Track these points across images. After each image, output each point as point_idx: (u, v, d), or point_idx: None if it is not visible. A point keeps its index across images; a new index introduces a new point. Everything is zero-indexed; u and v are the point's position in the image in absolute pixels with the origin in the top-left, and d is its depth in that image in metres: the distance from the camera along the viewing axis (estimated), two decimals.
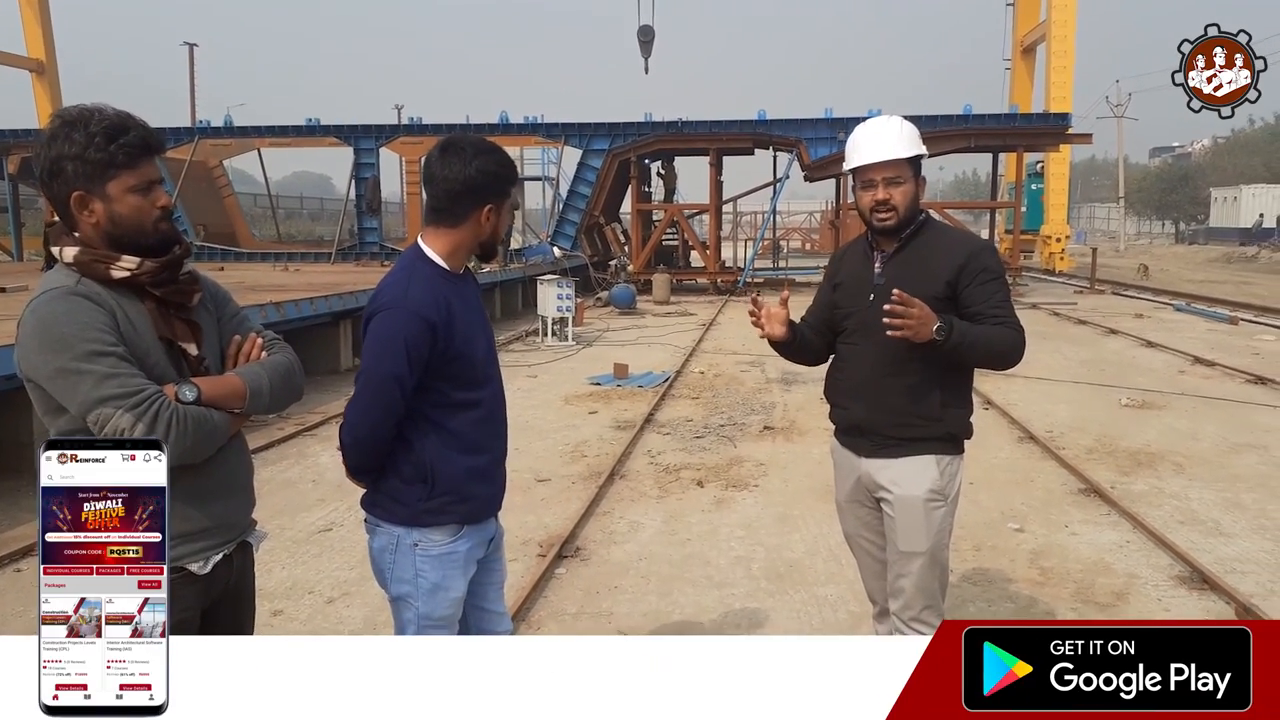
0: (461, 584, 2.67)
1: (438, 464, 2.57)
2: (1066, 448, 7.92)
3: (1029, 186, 29.25)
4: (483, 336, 2.67)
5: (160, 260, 2.12)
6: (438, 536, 2.62)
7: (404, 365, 2.46)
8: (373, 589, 5.01)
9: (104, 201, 2.06)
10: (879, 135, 3.03)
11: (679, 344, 14.73)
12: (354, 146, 25.20)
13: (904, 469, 3.04)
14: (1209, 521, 6.10)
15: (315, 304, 11.35)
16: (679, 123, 23.96)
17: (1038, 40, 30.50)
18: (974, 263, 2.98)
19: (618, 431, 8.66)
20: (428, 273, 2.57)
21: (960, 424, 3.09)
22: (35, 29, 30.95)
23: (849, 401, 3.15)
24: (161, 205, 2.13)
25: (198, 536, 2.17)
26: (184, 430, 2.04)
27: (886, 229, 3.03)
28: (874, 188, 3.00)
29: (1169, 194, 65.63)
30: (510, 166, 2.65)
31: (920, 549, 3.03)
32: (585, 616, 4.67)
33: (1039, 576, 5.18)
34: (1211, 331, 16.07)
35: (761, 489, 6.81)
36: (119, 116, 2.08)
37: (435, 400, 2.56)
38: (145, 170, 2.09)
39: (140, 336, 2.08)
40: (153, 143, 2.11)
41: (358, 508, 2.81)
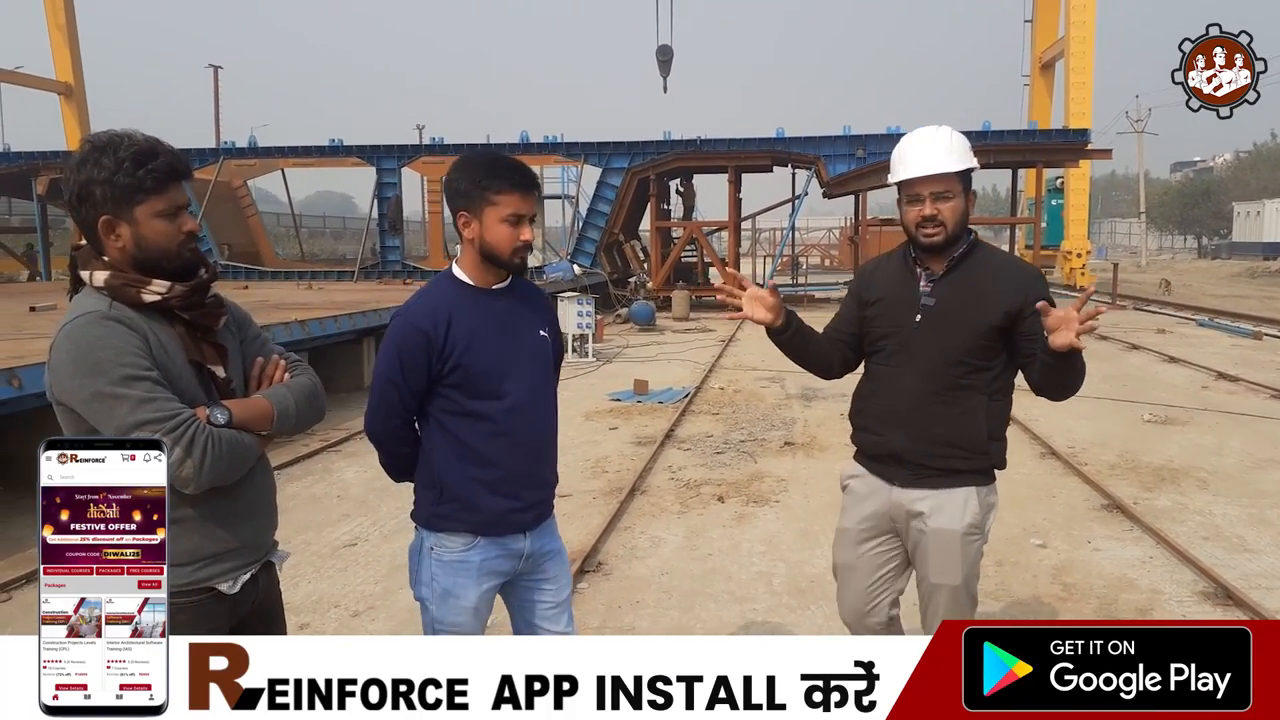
0: (473, 594, 2.68)
1: (445, 472, 2.66)
2: (1089, 463, 7.89)
3: (1049, 202, 29.13)
4: (501, 350, 2.65)
5: (189, 284, 2.15)
6: (451, 543, 2.68)
7: (397, 369, 2.60)
8: (398, 602, 5.09)
9: (131, 226, 2.08)
10: (927, 147, 2.85)
11: (699, 360, 14.74)
12: (376, 166, 25.40)
13: (943, 500, 2.90)
14: (1233, 537, 6.06)
15: (339, 321, 11.45)
16: (698, 141, 24.03)
17: (1056, 56, 30.43)
18: (1034, 292, 2.78)
19: (638, 447, 8.69)
20: (444, 287, 2.67)
21: (1001, 455, 2.98)
22: (64, 52, 31.46)
23: (886, 429, 2.96)
24: (188, 230, 2.15)
25: (226, 557, 2.18)
26: (219, 453, 2.06)
27: (933, 246, 2.86)
28: (921, 202, 2.84)
29: (1191, 209, 65.16)
30: (475, 174, 2.61)
31: (954, 582, 2.92)
32: (607, 631, 4.70)
33: (1061, 592, 5.17)
34: (1235, 347, 15.95)
35: (782, 504, 6.82)
36: (148, 142, 2.10)
37: (447, 407, 2.64)
38: (172, 195, 2.11)
39: (171, 360, 2.10)
40: (180, 168, 2.14)
41: (382, 522, 2.89)
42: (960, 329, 2.86)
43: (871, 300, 3.03)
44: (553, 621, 2.85)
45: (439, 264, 25.42)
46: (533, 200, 2.65)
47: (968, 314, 2.83)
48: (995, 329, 2.81)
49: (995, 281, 2.87)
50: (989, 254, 2.97)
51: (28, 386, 6.32)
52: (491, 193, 2.58)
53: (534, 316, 2.77)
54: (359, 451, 8.73)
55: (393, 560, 5.66)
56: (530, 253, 2.70)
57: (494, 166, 2.61)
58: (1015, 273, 2.92)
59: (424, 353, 2.57)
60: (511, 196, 2.58)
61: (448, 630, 2.70)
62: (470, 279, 2.67)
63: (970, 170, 2.88)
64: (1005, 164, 24.46)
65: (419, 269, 25.13)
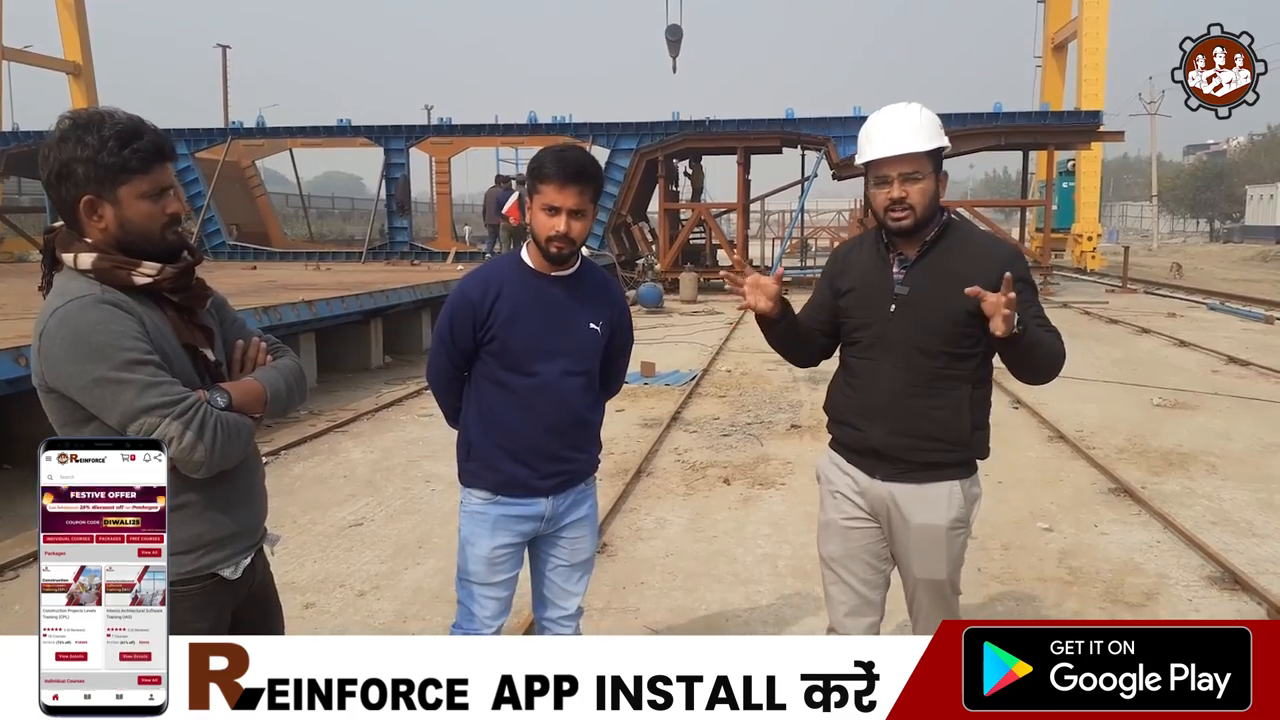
0: (486, 544, 2.90)
1: (474, 433, 2.93)
2: (1097, 447, 7.87)
3: (1060, 185, 28.92)
4: (542, 333, 2.82)
5: (179, 266, 2.11)
6: (476, 496, 2.94)
7: (447, 329, 2.88)
8: (403, 582, 5.12)
9: (114, 206, 2.02)
10: (895, 126, 2.71)
11: (706, 343, 14.74)
12: (384, 147, 25.31)
13: (926, 495, 2.81)
14: (1242, 522, 6.05)
15: (346, 302, 11.46)
16: (706, 122, 23.89)
17: (1069, 37, 30.15)
18: (1007, 272, 2.61)
19: (644, 429, 8.70)
20: (505, 264, 2.91)
21: (983, 446, 2.86)
22: (72, 31, 31.40)
23: (864, 423, 2.85)
24: (171, 212, 2.09)
25: (228, 543, 2.17)
26: (227, 436, 2.04)
27: (903, 230, 2.73)
28: (888, 184, 2.70)
29: (1203, 192, 64.64)
30: (534, 162, 2.80)
31: (939, 577, 2.86)
32: (612, 612, 4.72)
33: (1068, 576, 5.16)
34: (1246, 331, 15.86)
35: (788, 487, 6.83)
36: (132, 121, 2.04)
37: (485, 373, 2.88)
38: (157, 176, 2.05)
39: (166, 343, 2.06)
40: (165, 148, 2.08)
41: (388, 502, 2.98)
42: (936, 318, 2.73)
43: (844, 290, 2.91)
44: (564, 579, 3.07)
45: (446, 245, 25.44)
46: (572, 193, 2.72)
47: (943, 302, 2.70)
48: (972, 315, 2.65)
49: (969, 264, 2.71)
50: (964, 235, 2.84)
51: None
52: (538, 181, 2.74)
53: (590, 310, 2.91)
54: (365, 432, 8.76)
55: (398, 540, 5.68)
56: (569, 245, 2.78)
57: (546, 156, 2.75)
58: (988, 253, 2.77)
59: (469, 319, 2.83)
60: (550, 186, 2.71)
61: (467, 578, 2.96)
62: (532, 262, 2.86)
63: (941, 150, 2.74)
64: (1016, 146, 24.28)
65: (427, 250, 25.10)
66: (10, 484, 6.76)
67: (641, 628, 4.53)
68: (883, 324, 2.79)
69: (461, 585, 2.99)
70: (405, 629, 4.55)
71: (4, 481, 6.77)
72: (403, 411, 9.66)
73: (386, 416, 9.41)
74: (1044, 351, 2.69)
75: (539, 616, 3.14)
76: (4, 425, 7.01)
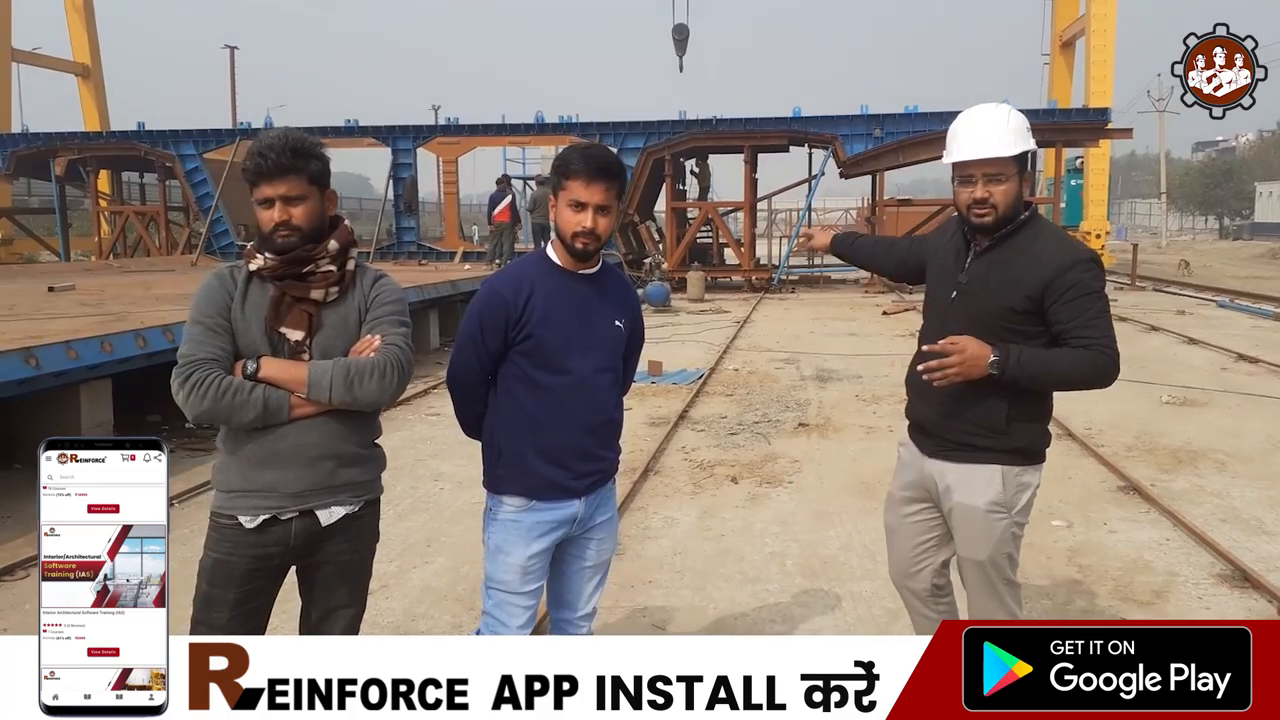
0: (521, 553, 2.86)
1: (505, 437, 2.88)
2: (1105, 445, 7.84)
3: (1068, 182, 28.81)
4: (574, 330, 2.83)
5: (280, 259, 2.54)
6: (508, 504, 2.89)
7: (477, 328, 2.83)
8: (410, 581, 5.13)
9: (254, 206, 2.55)
10: (982, 128, 2.79)
11: (713, 341, 14.72)
12: (392, 147, 25.34)
13: (965, 475, 2.92)
14: (1251, 520, 6.02)
15: None
16: (713, 120, 23.88)
17: (1077, 34, 30.06)
18: (1062, 279, 2.73)
19: (652, 428, 8.69)
20: (534, 262, 2.90)
21: (1030, 437, 2.93)
22: (81, 34, 31.52)
23: (918, 398, 3.05)
24: (278, 220, 2.50)
25: (248, 495, 2.51)
26: (203, 394, 2.41)
27: (984, 226, 2.85)
28: (973, 184, 2.80)
29: (1212, 189, 64.39)
30: (559, 159, 2.83)
31: (979, 557, 2.93)
32: (620, 610, 4.72)
33: (1077, 574, 5.15)
34: (1256, 328, 15.79)
35: (796, 486, 6.82)
36: (274, 139, 2.50)
37: (516, 373, 2.84)
38: (264, 189, 2.49)
39: (245, 317, 2.53)
40: (267, 170, 2.47)
41: (396, 502, 2.98)
42: (986, 311, 2.85)
43: (926, 262, 3.15)
44: (588, 580, 3.05)
45: (454, 245, 25.45)
46: (599, 188, 2.74)
47: (994, 297, 2.82)
48: (1017, 313, 2.77)
49: (1024, 265, 2.81)
50: (1034, 233, 2.87)
51: (45, 366, 6.33)
52: (564, 177, 2.75)
53: (613, 308, 2.94)
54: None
55: (406, 540, 5.69)
56: (594, 241, 2.79)
57: (572, 153, 2.77)
58: (1046, 255, 2.81)
59: (502, 317, 2.79)
60: (576, 182, 2.72)
61: (499, 587, 2.90)
62: (559, 260, 2.86)
63: (1027, 153, 2.81)
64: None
65: (434, 250, 25.12)
66: (21, 484, 6.78)
67: (649, 626, 4.53)
68: (944, 307, 2.97)
69: (489, 594, 2.94)
70: (414, 628, 4.56)
71: (16, 481, 6.80)
72: (410, 410, 9.67)
73: (394, 415, 9.42)
74: (1051, 380, 2.81)
75: (556, 616, 3.12)
76: (16, 425, 7.02)
